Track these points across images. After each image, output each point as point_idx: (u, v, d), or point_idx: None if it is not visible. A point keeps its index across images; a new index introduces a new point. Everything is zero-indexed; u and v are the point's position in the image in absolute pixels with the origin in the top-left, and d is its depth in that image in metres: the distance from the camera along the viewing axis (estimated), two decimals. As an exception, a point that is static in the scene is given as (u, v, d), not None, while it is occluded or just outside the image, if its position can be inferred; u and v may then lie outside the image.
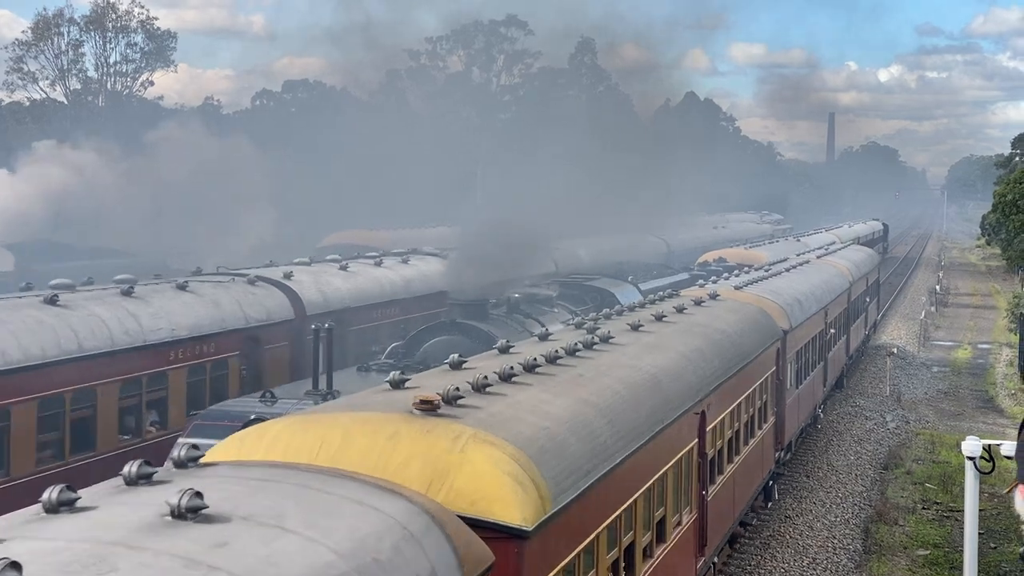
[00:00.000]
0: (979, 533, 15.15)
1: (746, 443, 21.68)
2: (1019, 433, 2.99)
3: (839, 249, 52.90)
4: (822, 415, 36.56)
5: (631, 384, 14.59)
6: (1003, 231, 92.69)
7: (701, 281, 30.13)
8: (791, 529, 25.78)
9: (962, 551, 15.08)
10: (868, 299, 51.21)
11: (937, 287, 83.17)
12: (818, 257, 44.54)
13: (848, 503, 28.40)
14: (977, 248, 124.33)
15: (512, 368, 12.73)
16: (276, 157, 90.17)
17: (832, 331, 36.52)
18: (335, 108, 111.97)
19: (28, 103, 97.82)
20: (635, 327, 18.59)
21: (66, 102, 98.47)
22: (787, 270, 35.66)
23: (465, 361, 13.52)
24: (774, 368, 25.05)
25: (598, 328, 17.94)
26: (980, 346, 58.33)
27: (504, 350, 15.18)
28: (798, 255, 44.95)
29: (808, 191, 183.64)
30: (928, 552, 24.89)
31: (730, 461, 20.08)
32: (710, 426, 18.09)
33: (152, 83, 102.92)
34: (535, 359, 13.53)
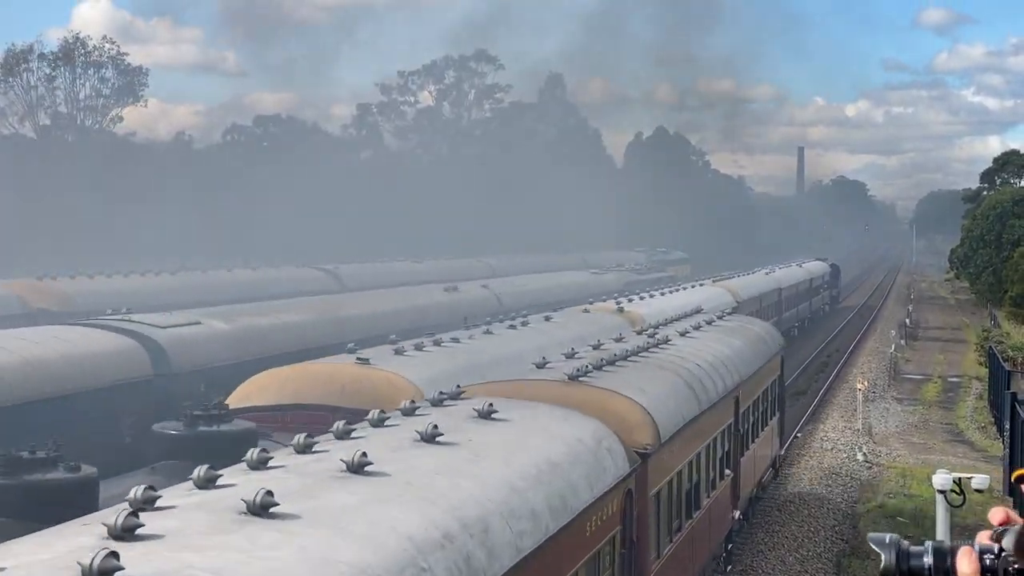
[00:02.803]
0: (951, 567, 15.10)
1: None
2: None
3: (668, 340, 23.88)
4: None
5: None
6: (971, 265, 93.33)
7: None
8: (763, 563, 25.73)
9: (934, 585, 15.04)
10: (741, 445, 24.59)
11: (907, 320, 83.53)
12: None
13: (820, 537, 28.39)
14: (946, 282, 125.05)
15: None
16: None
17: None
18: (307, 143, 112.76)
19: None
20: None
21: (36, 137, 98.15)
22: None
23: None
24: None
25: None
26: (950, 379, 58.56)
27: None
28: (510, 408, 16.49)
29: (775, 225, 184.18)
30: (900, 586, 24.85)
31: None
32: None
33: (122, 119, 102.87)
34: None
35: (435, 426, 11.99)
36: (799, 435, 40.75)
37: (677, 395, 19.29)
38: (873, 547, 2.94)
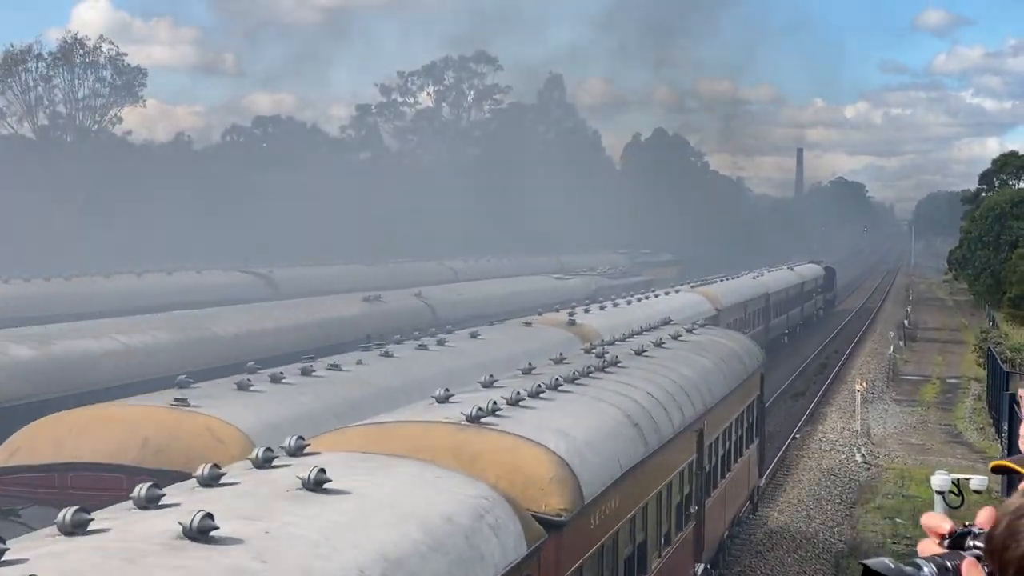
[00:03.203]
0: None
1: None
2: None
3: (618, 362, 19.31)
4: None
5: None
6: (970, 266, 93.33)
7: None
8: (762, 564, 25.72)
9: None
10: (707, 485, 20.73)
11: (905, 322, 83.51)
12: None
13: (819, 538, 28.39)
14: (945, 283, 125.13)
15: None
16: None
17: None
18: (306, 144, 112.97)
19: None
20: None
21: (34, 138, 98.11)
22: None
23: None
24: None
25: None
26: (949, 380, 58.54)
27: None
28: None
29: (774, 226, 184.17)
30: (899, 587, 24.83)
31: None
32: None
33: (120, 119, 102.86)
34: None
35: (208, 515, 7.65)
36: (797, 436, 40.79)
37: (616, 435, 14.98)
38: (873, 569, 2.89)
